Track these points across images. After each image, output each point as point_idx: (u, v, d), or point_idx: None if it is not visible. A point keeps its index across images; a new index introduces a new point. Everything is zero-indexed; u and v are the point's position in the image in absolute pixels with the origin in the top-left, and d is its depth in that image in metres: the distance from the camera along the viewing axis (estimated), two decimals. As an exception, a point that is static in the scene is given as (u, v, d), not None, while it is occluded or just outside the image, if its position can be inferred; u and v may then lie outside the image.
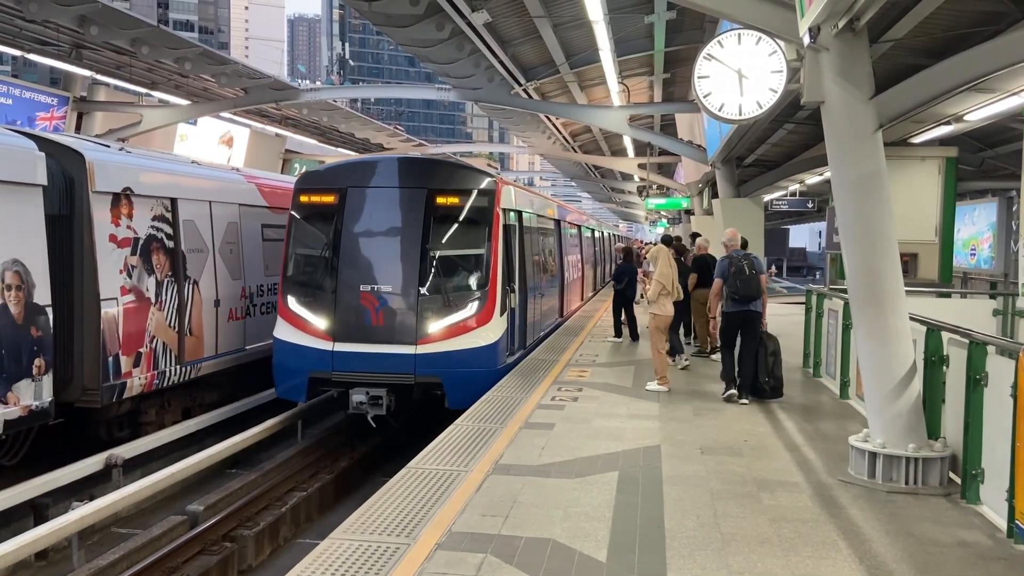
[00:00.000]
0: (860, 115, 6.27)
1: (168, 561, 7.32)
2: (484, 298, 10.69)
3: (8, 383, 8.22)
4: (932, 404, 6.57)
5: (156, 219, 10.67)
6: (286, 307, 10.80)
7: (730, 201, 16.48)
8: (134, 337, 10.04)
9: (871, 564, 4.86)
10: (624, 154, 29.49)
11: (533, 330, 13.64)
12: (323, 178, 11.71)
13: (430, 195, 10.84)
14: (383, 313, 10.41)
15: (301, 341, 10.53)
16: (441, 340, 10.37)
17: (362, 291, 10.45)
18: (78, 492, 8.78)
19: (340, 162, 12.72)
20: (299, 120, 26.13)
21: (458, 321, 10.50)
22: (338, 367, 10.33)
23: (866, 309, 6.49)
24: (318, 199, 11.11)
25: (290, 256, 11.11)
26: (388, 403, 10.21)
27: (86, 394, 9.46)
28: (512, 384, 10.19)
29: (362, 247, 10.85)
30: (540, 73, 16.73)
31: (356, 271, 10.61)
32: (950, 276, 13.53)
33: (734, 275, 9.31)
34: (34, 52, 16.60)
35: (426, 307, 10.44)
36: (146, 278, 10.38)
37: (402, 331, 10.37)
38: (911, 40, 9.29)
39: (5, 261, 8.21)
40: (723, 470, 6.72)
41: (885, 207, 6.38)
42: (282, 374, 10.78)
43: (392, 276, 10.58)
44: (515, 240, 12.21)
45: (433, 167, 11.83)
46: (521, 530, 5.29)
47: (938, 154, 12.94)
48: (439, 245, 10.86)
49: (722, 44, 6.91)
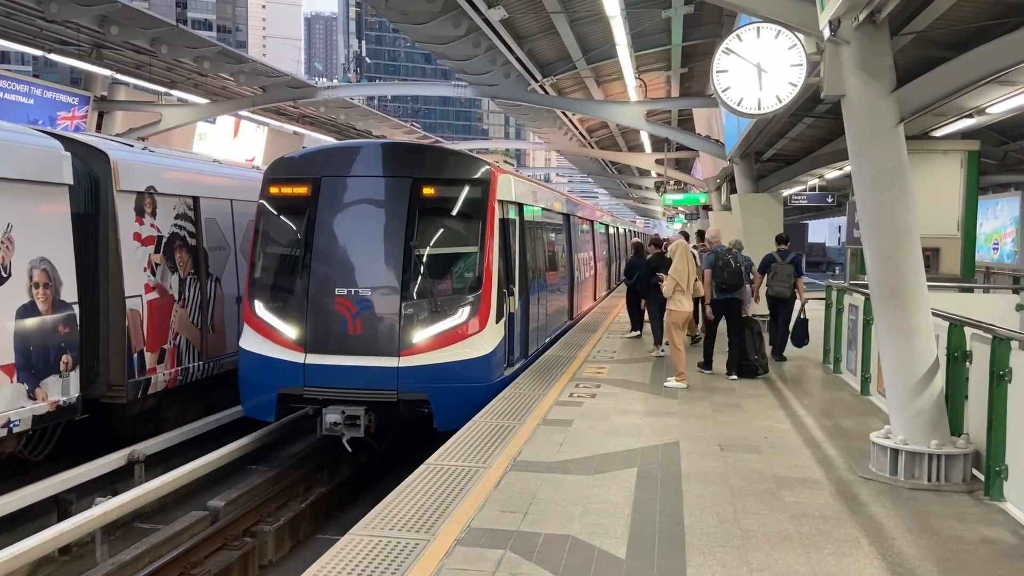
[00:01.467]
0: (881, 109, 6.21)
1: (189, 556, 7.39)
2: (477, 302, 9.43)
3: (36, 379, 8.36)
4: (955, 400, 6.51)
5: (179, 217, 10.88)
6: (252, 314, 9.58)
7: (748, 196, 16.34)
8: (158, 334, 10.24)
9: (893, 561, 4.82)
10: (641, 150, 29.36)
11: (536, 337, 12.36)
12: (296, 166, 10.23)
13: (415, 185, 9.59)
14: (361, 320, 9.15)
15: (269, 352, 9.32)
16: (428, 351, 9.15)
17: (337, 295, 9.20)
18: (101, 488, 8.88)
19: (316, 148, 11.44)
20: (316, 118, 26.22)
21: (447, 329, 9.26)
22: (310, 382, 9.13)
23: (888, 305, 6.44)
24: (289, 190, 9.90)
25: (257, 256, 9.88)
26: (367, 424, 9.02)
27: (112, 390, 9.63)
28: (529, 381, 10.19)
29: (338, 245, 9.54)
30: (556, 69, 16.68)
31: (330, 272, 9.35)
32: (972, 271, 13.39)
33: (721, 268, 10.69)
34: (55, 52, 16.72)
35: (410, 313, 9.21)
36: (169, 275, 10.57)
37: (383, 341, 9.14)
38: (933, 32, 9.18)
39: (33, 259, 8.36)
40: (743, 467, 6.69)
41: (907, 201, 6.32)
42: (249, 389, 9.62)
43: (371, 278, 9.32)
44: (514, 236, 10.96)
45: (419, 153, 10.74)
46: (540, 526, 5.29)
47: (960, 147, 12.78)
48: (426, 242, 9.63)
49: (741, 38, 6.84)
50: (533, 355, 11.94)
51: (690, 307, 10.28)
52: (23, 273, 8.24)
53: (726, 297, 10.78)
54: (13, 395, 8.07)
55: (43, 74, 44.11)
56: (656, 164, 27.82)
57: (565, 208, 16.63)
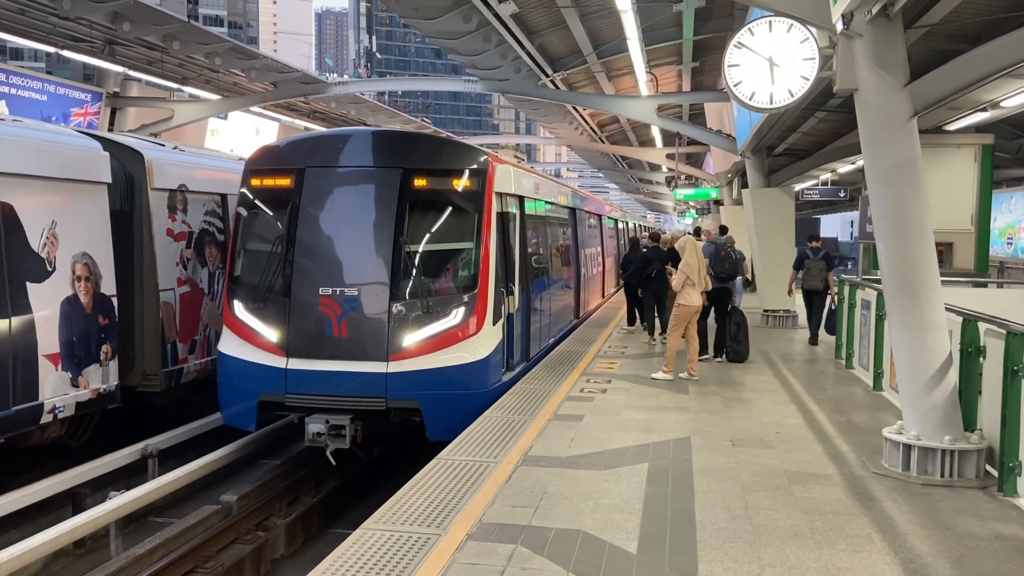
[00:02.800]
0: (894, 103, 6.17)
1: (202, 550, 7.44)
2: (473, 302, 8.77)
3: (79, 367, 8.72)
4: (968, 396, 6.47)
5: (208, 214, 11.27)
6: (231, 315, 9.00)
7: (760, 191, 16.27)
8: (189, 325, 10.65)
9: (906, 558, 4.80)
10: (652, 144, 29.30)
11: (538, 338, 11.67)
12: (278, 156, 9.55)
13: (406, 176, 8.91)
14: (347, 322, 8.51)
15: (249, 356, 8.72)
16: (419, 355, 8.49)
17: (321, 295, 8.56)
18: (115, 482, 8.94)
19: (301, 136, 10.58)
20: (327, 114, 26.29)
21: (440, 332, 8.60)
22: (292, 388, 8.52)
23: (901, 299, 6.40)
24: (271, 182, 9.22)
25: (237, 253, 9.27)
26: (353, 434, 8.40)
27: (147, 379, 10.01)
28: (540, 376, 10.19)
29: (322, 241, 8.90)
30: (567, 63, 16.66)
31: (314, 270, 8.72)
32: (986, 265, 13.33)
33: (722, 258, 11.74)
34: (68, 49, 16.82)
35: (400, 315, 8.56)
36: (199, 270, 10.94)
37: (370, 344, 8.49)
38: (946, 25, 9.10)
39: (76, 254, 8.74)
40: (754, 462, 6.67)
41: (920, 196, 6.28)
42: (227, 396, 9.01)
43: (358, 276, 8.69)
44: (514, 231, 10.26)
45: (411, 142, 10.01)
46: (551, 521, 5.30)
47: (974, 141, 12.71)
48: (417, 238, 8.93)
49: (753, 32, 6.82)
50: (535, 358, 11.27)
51: (699, 301, 10.22)
52: (67, 267, 8.64)
53: (722, 286, 11.71)
54: (58, 383, 8.43)
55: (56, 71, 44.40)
56: (667, 159, 27.76)
57: (571, 202, 16.00)
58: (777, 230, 15.93)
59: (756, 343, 13.40)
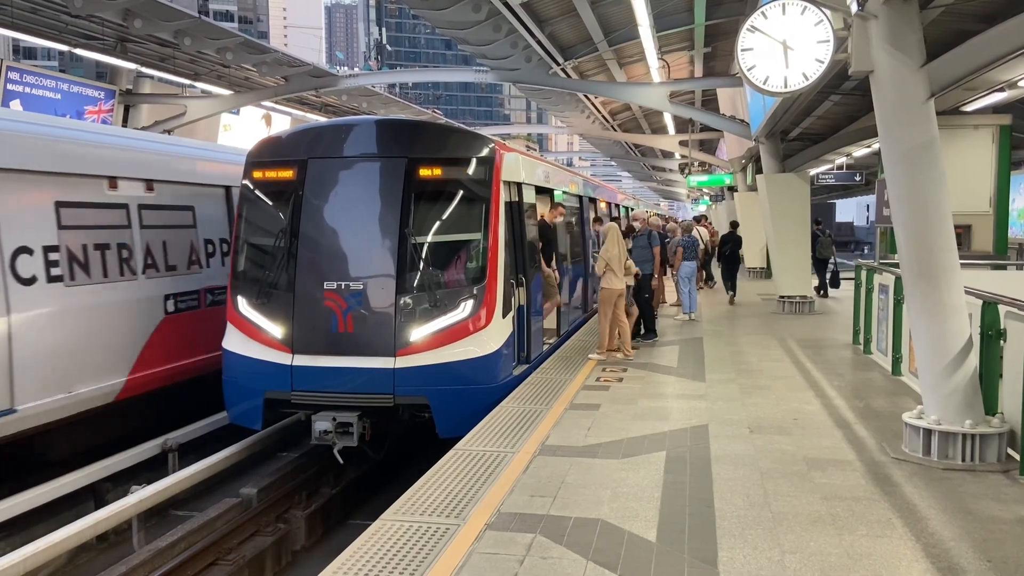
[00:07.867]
0: (911, 84, 6.10)
1: (224, 543, 7.51)
2: (482, 295, 8.55)
3: None
4: (989, 379, 6.41)
5: None
6: (236, 311, 8.82)
7: (775, 176, 16.13)
8: None
9: (928, 542, 4.78)
10: (665, 131, 29.12)
11: (549, 332, 11.61)
12: (281, 147, 9.28)
13: (411, 166, 8.66)
14: (353, 317, 8.33)
15: (253, 353, 8.56)
16: (427, 350, 8.30)
17: (326, 289, 8.38)
18: (136, 476, 9.02)
19: (304, 126, 10.48)
20: (339, 107, 26.30)
21: (449, 325, 8.39)
22: (298, 385, 8.35)
23: (919, 283, 6.35)
24: (273, 174, 8.99)
25: (240, 247, 9.07)
26: (361, 431, 8.27)
27: None
28: (556, 366, 10.18)
29: (326, 234, 8.69)
30: (578, 52, 16.56)
31: (318, 264, 8.54)
32: (1005, 248, 13.19)
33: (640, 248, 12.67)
34: (80, 47, 16.90)
35: (407, 309, 8.35)
36: None
37: (377, 339, 8.29)
38: (963, 5, 8.98)
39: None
40: (772, 449, 6.65)
41: (938, 178, 6.21)
42: (233, 394, 8.86)
43: (364, 270, 8.46)
44: (523, 222, 9.93)
45: (416, 131, 9.78)
46: (569, 510, 5.30)
47: (991, 122, 12.56)
48: (424, 229, 8.69)
49: (766, 15, 6.74)
50: (548, 351, 11.13)
51: (621, 286, 10.70)
52: None
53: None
54: None
55: (69, 69, 44.60)
56: (680, 146, 27.59)
57: (582, 190, 15.67)
58: (792, 216, 15.82)
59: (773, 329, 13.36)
